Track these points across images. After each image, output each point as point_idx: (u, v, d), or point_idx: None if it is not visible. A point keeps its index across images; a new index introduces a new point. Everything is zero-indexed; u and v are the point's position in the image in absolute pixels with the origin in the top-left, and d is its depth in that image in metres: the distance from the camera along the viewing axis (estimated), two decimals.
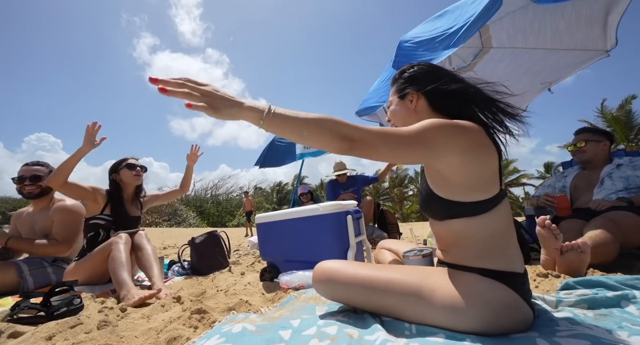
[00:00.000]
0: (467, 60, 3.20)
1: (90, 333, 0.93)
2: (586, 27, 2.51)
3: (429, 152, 0.71)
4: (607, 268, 1.43)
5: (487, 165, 0.74)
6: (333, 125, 0.69)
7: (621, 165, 1.89)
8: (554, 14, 2.48)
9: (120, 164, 1.95)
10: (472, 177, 0.74)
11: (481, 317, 0.71)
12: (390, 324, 0.81)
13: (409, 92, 0.91)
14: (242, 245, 4.56)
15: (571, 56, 2.83)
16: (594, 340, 0.66)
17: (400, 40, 2.40)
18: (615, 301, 0.88)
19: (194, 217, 21.24)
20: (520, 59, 3.01)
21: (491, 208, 0.75)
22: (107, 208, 1.86)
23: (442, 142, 0.70)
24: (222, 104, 0.70)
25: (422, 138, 0.70)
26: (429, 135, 0.70)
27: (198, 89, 0.70)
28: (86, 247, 1.77)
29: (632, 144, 14.48)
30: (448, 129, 0.72)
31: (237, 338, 0.75)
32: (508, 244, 0.77)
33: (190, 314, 1.01)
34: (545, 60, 2.95)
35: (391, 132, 0.70)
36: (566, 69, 3.00)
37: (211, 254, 2.24)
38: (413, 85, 0.91)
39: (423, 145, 0.70)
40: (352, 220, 1.61)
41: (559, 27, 2.58)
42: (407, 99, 0.91)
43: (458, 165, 0.72)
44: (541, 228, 1.36)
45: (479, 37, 2.88)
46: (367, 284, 0.84)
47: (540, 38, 2.74)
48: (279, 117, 0.70)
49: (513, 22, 2.64)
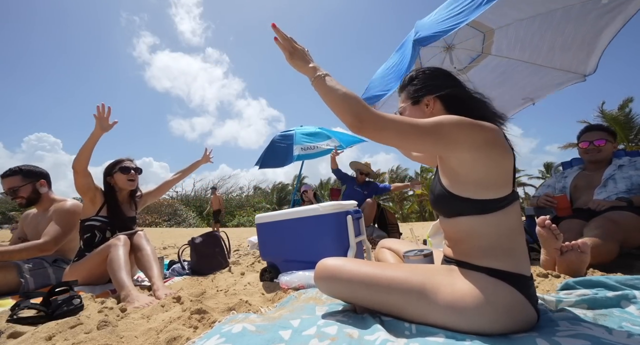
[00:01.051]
0: (464, 63, 3.20)
1: (90, 333, 0.93)
2: (577, 49, 2.57)
3: (439, 142, 0.74)
4: (607, 268, 1.43)
5: (499, 164, 0.75)
6: (354, 103, 0.80)
7: (623, 166, 1.88)
8: (557, 30, 2.51)
9: (114, 167, 1.92)
10: (483, 175, 0.75)
11: (486, 318, 0.70)
12: (390, 323, 0.81)
13: (423, 97, 0.93)
14: (242, 245, 4.56)
15: (554, 75, 2.91)
16: (594, 340, 0.66)
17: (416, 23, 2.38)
18: (615, 301, 0.88)
19: (194, 217, 21.23)
20: (511, 71, 3.06)
21: (501, 208, 0.75)
22: (102, 209, 1.84)
23: (456, 136, 0.74)
24: (298, 56, 0.96)
25: (437, 129, 0.74)
26: (444, 128, 0.74)
27: (292, 44, 0.98)
28: (83, 248, 1.77)
29: (632, 144, 14.54)
30: (465, 125, 0.75)
31: (237, 338, 0.75)
32: (516, 245, 0.77)
33: (190, 314, 1.01)
34: (532, 76, 3.02)
35: (406, 119, 0.76)
36: (546, 88, 3.12)
37: (211, 254, 2.24)
38: (426, 89, 0.93)
39: (434, 135, 0.74)
40: (352, 220, 1.61)
41: (556, 44, 2.62)
42: (422, 104, 0.94)
43: (470, 160, 0.75)
44: (541, 228, 1.37)
45: (481, 41, 2.89)
46: (369, 281, 0.83)
47: (535, 52, 2.79)
48: (323, 81, 0.88)
49: (518, 31, 2.66)
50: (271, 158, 4.54)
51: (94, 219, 1.80)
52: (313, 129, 4.33)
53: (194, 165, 2.33)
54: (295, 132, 4.15)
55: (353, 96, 0.81)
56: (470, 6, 1.96)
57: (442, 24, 2.09)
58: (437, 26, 2.12)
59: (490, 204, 0.75)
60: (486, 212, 0.75)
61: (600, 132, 1.98)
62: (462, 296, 0.72)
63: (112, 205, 1.87)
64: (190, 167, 2.32)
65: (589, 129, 2.03)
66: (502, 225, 0.76)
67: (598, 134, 1.98)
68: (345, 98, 0.81)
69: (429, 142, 0.75)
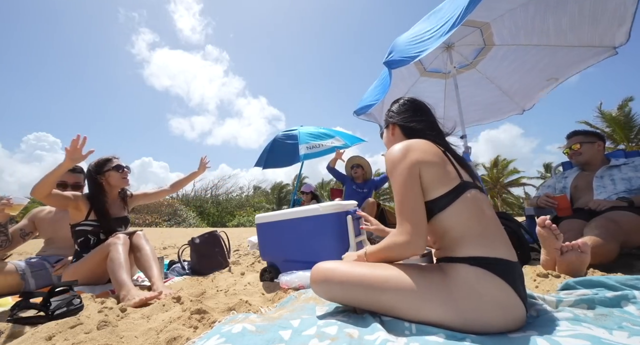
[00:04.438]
0: (469, 58, 3.19)
1: (90, 333, 0.93)
2: (591, 24, 2.47)
3: (415, 186, 0.87)
4: (607, 268, 1.43)
5: (435, 166, 0.89)
6: (394, 246, 0.89)
7: (620, 167, 1.89)
8: (556, 11, 2.47)
9: (105, 164, 1.86)
10: (428, 178, 0.88)
11: (474, 307, 0.74)
12: (390, 323, 0.81)
13: (389, 124, 1.16)
14: (242, 245, 4.56)
15: (576, 53, 2.78)
16: (594, 340, 0.66)
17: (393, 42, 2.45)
18: (615, 301, 0.89)
19: (194, 217, 21.22)
20: (525, 56, 2.98)
21: (455, 198, 0.85)
22: (91, 213, 1.79)
23: (414, 175, 0.89)
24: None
25: (407, 184, 0.88)
26: (406, 180, 0.88)
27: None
28: (80, 250, 1.75)
29: (632, 144, 14.48)
30: (405, 164, 0.90)
31: (237, 338, 0.75)
32: (485, 229, 0.83)
33: (190, 314, 1.01)
34: (550, 57, 2.91)
35: (401, 203, 0.87)
36: (571, 66, 2.94)
37: (211, 254, 2.24)
38: (392, 119, 1.15)
39: (413, 187, 0.87)
40: (352, 220, 1.61)
41: (562, 24, 2.56)
42: (389, 128, 1.16)
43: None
44: (541, 228, 1.37)
45: (480, 35, 2.88)
46: (363, 281, 0.86)
47: (544, 35, 2.72)
48: (371, 258, 0.97)
49: (514, 19, 2.62)
50: (276, 158, 4.50)
51: (84, 224, 1.77)
52: (315, 128, 4.29)
53: (191, 177, 2.27)
54: (299, 131, 4.06)
55: (388, 247, 0.90)
56: (437, 33, 2.07)
57: (412, 48, 2.19)
58: (407, 49, 2.23)
59: (444, 198, 0.85)
60: (444, 207, 0.85)
61: (576, 136, 2.10)
62: (450, 290, 0.77)
63: (99, 208, 1.81)
64: (186, 178, 2.27)
65: (568, 136, 2.16)
66: (463, 214, 0.84)
67: (575, 138, 2.09)
68: (387, 251, 0.91)
69: (416, 192, 0.87)
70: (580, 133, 2.11)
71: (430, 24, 2.24)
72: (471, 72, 3.30)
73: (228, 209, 23.92)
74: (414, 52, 2.15)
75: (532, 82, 3.23)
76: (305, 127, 4.28)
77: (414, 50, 2.16)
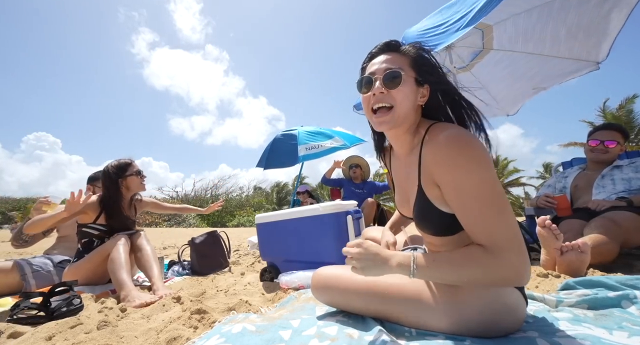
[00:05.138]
0: (466, 60, 3.20)
1: (90, 333, 0.93)
2: (584, 37, 2.53)
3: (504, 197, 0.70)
4: (607, 268, 1.43)
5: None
6: (497, 282, 0.66)
7: (622, 167, 1.88)
8: (558, 20, 2.49)
9: (127, 169, 1.87)
10: None
11: (487, 319, 0.70)
12: (391, 325, 0.81)
13: (425, 83, 0.78)
14: (242, 245, 4.56)
15: (565, 64, 2.86)
16: (594, 340, 0.66)
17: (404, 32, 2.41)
18: (615, 301, 0.88)
19: (194, 217, 21.22)
20: (517, 63, 3.03)
21: None
22: (100, 216, 1.79)
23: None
24: (367, 265, 0.72)
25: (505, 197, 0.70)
26: (498, 187, 0.71)
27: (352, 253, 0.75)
28: (82, 249, 1.75)
29: (632, 144, 14.44)
30: (492, 164, 0.72)
31: (237, 338, 0.75)
32: None
33: (190, 314, 1.01)
34: (540, 67, 2.98)
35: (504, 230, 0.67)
36: (557, 77, 3.06)
37: (211, 254, 2.24)
38: (432, 78, 0.78)
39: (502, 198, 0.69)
40: (352, 220, 1.61)
41: (560, 33, 2.58)
42: (422, 89, 0.79)
43: None
44: (541, 228, 1.37)
45: (481, 37, 2.88)
46: (364, 290, 0.83)
47: (539, 44, 2.76)
48: (422, 273, 0.69)
49: (517, 24, 2.64)
50: (277, 158, 4.48)
51: (91, 227, 1.77)
52: (315, 128, 4.28)
53: (196, 210, 2.44)
54: (298, 131, 4.05)
55: (488, 279, 0.65)
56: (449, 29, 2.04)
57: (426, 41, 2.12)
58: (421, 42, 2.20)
59: None
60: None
61: (614, 132, 1.89)
62: (456, 299, 0.72)
63: (114, 212, 1.81)
64: (194, 210, 2.44)
65: (604, 127, 1.95)
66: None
67: (611, 134, 1.89)
68: (467, 274, 0.66)
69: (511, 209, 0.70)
70: (619, 129, 1.91)
71: (444, 18, 2.19)
72: (466, 74, 3.31)
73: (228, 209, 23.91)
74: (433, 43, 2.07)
75: (519, 89, 3.30)
76: (305, 127, 4.27)
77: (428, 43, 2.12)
